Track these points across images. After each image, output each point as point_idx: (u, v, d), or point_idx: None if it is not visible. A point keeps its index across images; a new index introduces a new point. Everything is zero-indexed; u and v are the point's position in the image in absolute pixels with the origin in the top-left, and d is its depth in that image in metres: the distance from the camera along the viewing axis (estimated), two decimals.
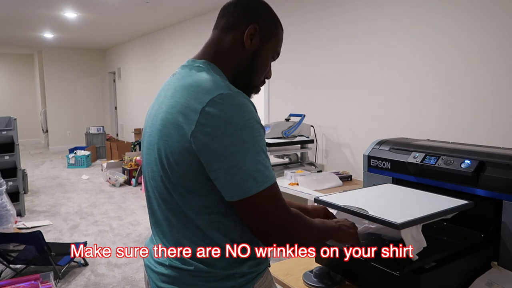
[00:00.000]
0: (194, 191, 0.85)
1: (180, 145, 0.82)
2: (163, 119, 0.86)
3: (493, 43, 2.31)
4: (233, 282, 0.89)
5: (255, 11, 0.94)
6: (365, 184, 1.65)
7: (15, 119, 4.48)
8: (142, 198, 5.34)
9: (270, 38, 0.96)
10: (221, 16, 0.98)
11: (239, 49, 0.94)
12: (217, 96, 0.80)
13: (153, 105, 0.96)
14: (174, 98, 0.86)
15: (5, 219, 3.53)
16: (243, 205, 0.81)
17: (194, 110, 0.80)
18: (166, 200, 0.89)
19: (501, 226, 1.19)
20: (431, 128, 2.68)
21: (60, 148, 9.60)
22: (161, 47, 6.90)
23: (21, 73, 11.19)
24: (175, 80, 0.92)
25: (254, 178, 0.79)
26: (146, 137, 0.95)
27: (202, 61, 0.94)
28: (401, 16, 2.83)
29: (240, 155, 0.78)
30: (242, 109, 0.80)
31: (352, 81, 3.27)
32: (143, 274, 3.08)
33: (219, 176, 0.80)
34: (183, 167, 0.83)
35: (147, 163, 0.94)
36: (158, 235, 0.96)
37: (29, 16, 5.71)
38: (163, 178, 0.87)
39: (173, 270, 0.90)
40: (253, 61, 0.95)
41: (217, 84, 0.83)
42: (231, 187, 0.79)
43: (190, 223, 0.87)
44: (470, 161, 1.26)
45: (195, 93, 0.82)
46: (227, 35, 0.95)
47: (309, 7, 3.65)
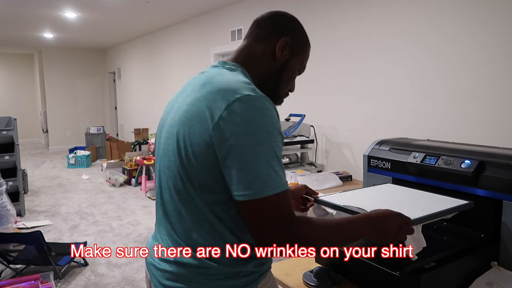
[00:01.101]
0: (207, 185, 0.86)
1: (200, 138, 0.83)
2: (187, 111, 0.88)
3: (493, 43, 2.31)
4: (237, 281, 0.89)
5: (288, 26, 1.01)
6: (365, 184, 1.65)
7: (15, 119, 4.48)
8: (142, 198, 5.34)
9: (299, 52, 1.03)
10: (254, 27, 1.03)
11: (269, 59, 0.99)
12: (244, 96, 0.82)
13: (177, 98, 0.98)
14: (202, 93, 0.88)
15: (5, 219, 3.53)
16: (247, 206, 0.81)
17: (220, 106, 0.82)
18: (179, 191, 0.90)
19: (501, 226, 1.19)
20: (431, 128, 2.68)
21: (60, 148, 9.61)
22: (161, 47, 6.90)
23: (21, 73, 11.19)
24: (203, 77, 0.94)
25: (264, 181, 0.79)
26: (166, 127, 0.96)
27: (233, 63, 0.98)
28: (402, 16, 2.83)
29: (255, 157, 0.79)
30: (265, 113, 0.82)
31: (352, 81, 3.27)
32: (144, 274, 3.08)
33: (231, 173, 0.81)
34: (200, 160, 0.84)
35: (164, 153, 0.94)
36: (165, 226, 0.95)
37: (29, 16, 5.71)
38: (180, 169, 0.88)
39: (178, 266, 0.90)
40: (281, 72, 1.01)
41: (246, 86, 0.86)
42: (241, 186, 0.80)
43: (201, 216, 0.88)
44: (470, 161, 1.26)
45: (223, 90, 0.85)
46: (259, 44, 1.00)
47: (309, 7, 3.65)
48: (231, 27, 4.89)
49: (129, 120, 8.81)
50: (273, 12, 1.03)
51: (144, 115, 7.94)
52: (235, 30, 4.79)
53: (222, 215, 0.88)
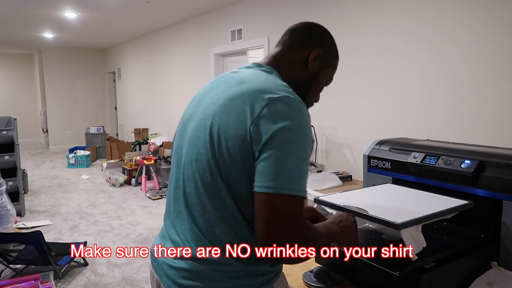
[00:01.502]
0: (236, 180, 0.86)
1: (236, 132, 0.85)
2: (224, 106, 0.89)
3: (493, 43, 2.31)
4: (255, 280, 0.90)
5: (322, 37, 1.06)
6: (365, 184, 1.65)
7: (15, 119, 4.48)
8: (142, 198, 5.34)
9: (329, 64, 1.07)
10: (289, 35, 1.06)
11: (301, 67, 1.03)
12: (284, 97, 0.85)
13: (205, 93, 1.00)
14: (241, 90, 0.90)
15: (5, 219, 3.53)
16: (263, 199, 0.81)
17: (260, 103, 0.84)
18: (207, 184, 0.89)
19: (501, 226, 1.19)
20: (432, 128, 2.68)
21: (60, 148, 9.61)
22: (161, 47, 6.91)
23: (21, 73, 11.19)
24: (238, 76, 0.96)
25: (288, 180, 0.80)
26: (196, 120, 0.96)
27: (269, 66, 1.01)
28: (403, 16, 2.83)
29: (287, 153, 0.81)
30: (302, 116, 0.85)
31: (353, 81, 3.27)
32: (143, 274, 3.08)
33: (260, 165, 0.82)
34: (234, 154, 0.85)
35: (192, 145, 0.94)
36: (186, 219, 0.93)
37: (29, 16, 5.71)
38: (211, 161, 0.88)
39: (196, 262, 0.89)
40: (311, 81, 1.05)
41: (285, 88, 0.89)
42: (265, 177, 0.80)
43: (227, 212, 0.88)
44: (470, 161, 1.26)
45: (263, 89, 0.87)
46: (293, 52, 1.04)
47: (309, 7, 3.65)
48: (231, 27, 4.89)
49: (129, 120, 8.81)
50: (308, 23, 1.07)
51: (144, 115, 7.94)
52: (235, 30, 4.79)
53: (246, 213, 0.88)
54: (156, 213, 4.66)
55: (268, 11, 4.18)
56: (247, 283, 0.89)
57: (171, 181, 1.01)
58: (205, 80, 5.57)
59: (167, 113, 6.87)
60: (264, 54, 4.24)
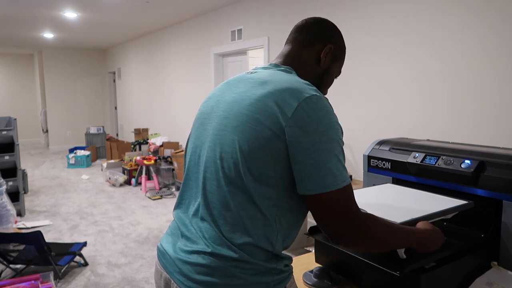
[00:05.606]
0: (265, 178, 0.88)
1: (268, 132, 0.86)
2: (252, 105, 0.90)
3: (495, 43, 2.31)
4: (271, 278, 0.90)
5: (331, 33, 1.08)
6: (365, 184, 1.65)
7: (15, 119, 4.48)
8: (142, 198, 5.34)
9: (339, 58, 1.10)
10: (298, 32, 1.08)
11: (313, 64, 1.06)
12: (312, 96, 0.88)
13: (223, 92, 1.01)
14: (267, 89, 0.91)
15: (5, 219, 3.53)
16: (319, 200, 0.85)
17: (291, 103, 0.87)
18: (232, 182, 0.89)
19: (501, 226, 1.19)
20: (432, 128, 2.68)
21: (60, 148, 9.61)
22: (161, 47, 6.90)
23: (21, 73, 11.19)
24: (258, 76, 0.97)
25: (335, 175, 0.84)
26: (218, 119, 0.96)
27: (286, 66, 1.03)
28: (404, 16, 2.83)
29: (327, 152, 0.85)
30: (331, 112, 0.89)
31: (353, 81, 3.27)
32: (146, 274, 3.08)
33: (302, 168, 0.85)
34: (264, 152, 0.87)
35: (216, 143, 0.94)
36: (205, 217, 0.93)
37: (29, 16, 5.71)
38: (239, 160, 0.88)
39: (215, 258, 0.89)
40: (323, 77, 1.08)
41: (309, 87, 0.91)
42: (313, 180, 0.84)
43: (251, 210, 0.88)
44: (470, 161, 1.26)
45: (290, 89, 0.89)
46: (305, 49, 1.06)
47: (309, 6, 3.65)
48: (231, 27, 4.89)
49: (129, 120, 8.81)
50: (316, 19, 1.09)
51: (144, 115, 7.94)
52: (235, 30, 4.79)
53: (268, 212, 0.89)
54: (156, 213, 4.66)
55: (268, 11, 4.18)
56: (263, 281, 0.89)
57: (188, 180, 1.02)
58: (205, 80, 5.57)
59: (167, 113, 6.87)
60: (264, 54, 4.24)
